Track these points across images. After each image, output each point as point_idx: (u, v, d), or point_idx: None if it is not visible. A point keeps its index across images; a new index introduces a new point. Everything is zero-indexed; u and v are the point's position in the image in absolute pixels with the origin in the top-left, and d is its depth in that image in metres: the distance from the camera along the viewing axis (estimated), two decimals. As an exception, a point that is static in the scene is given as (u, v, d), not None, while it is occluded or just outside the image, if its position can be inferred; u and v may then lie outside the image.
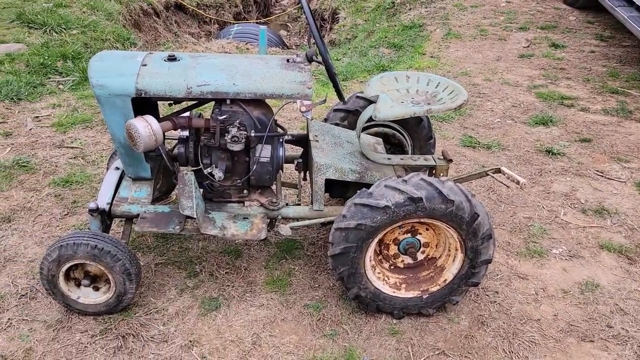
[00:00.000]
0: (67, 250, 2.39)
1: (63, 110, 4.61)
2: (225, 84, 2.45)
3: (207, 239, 3.20)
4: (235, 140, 2.48)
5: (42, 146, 4.03)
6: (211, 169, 2.59)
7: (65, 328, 2.53)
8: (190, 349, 2.48)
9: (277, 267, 3.03)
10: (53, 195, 3.48)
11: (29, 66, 5.18)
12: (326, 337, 2.60)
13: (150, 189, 2.74)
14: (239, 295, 2.80)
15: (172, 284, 2.84)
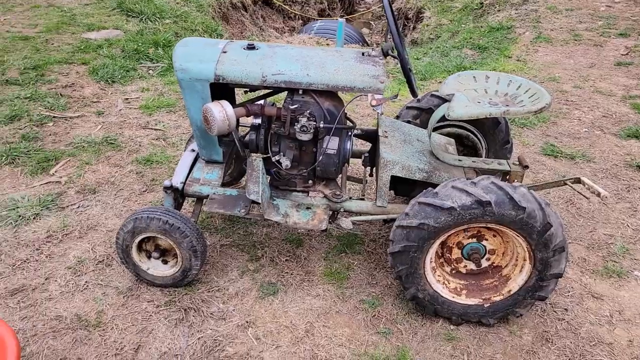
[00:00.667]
0: (141, 223, 2.55)
1: (150, 94, 4.90)
2: (299, 74, 2.49)
3: (271, 225, 3.28)
4: (304, 130, 2.51)
5: (129, 126, 4.32)
6: (279, 157, 2.65)
7: (134, 296, 2.69)
8: (246, 329, 2.55)
9: (336, 259, 3.04)
10: (135, 172, 3.72)
11: (124, 51, 5.56)
12: (379, 334, 2.57)
13: (221, 172, 2.85)
14: (296, 283, 2.85)
15: (234, 266, 2.94)
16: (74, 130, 4.16)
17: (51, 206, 3.29)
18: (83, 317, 2.55)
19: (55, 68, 4.98)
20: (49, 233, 3.08)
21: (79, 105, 4.53)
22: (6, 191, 3.40)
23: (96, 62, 5.20)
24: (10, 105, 4.27)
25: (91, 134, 4.11)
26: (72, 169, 3.69)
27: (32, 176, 3.58)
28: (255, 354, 2.43)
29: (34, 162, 3.68)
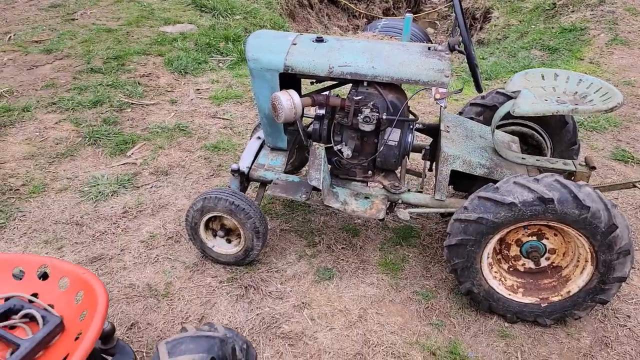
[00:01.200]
0: (210, 202, 2.72)
1: (220, 85, 5.14)
2: (364, 66, 2.56)
3: (328, 214, 3.37)
4: (366, 121, 2.58)
5: (199, 115, 4.56)
6: (341, 146, 2.73)
7: (200, 271, 2.87)
8: (302, 309, 2.66)
9: (391, 251, 3.09)
10: (203, 157, 3.93)
11: (197, 45, 5.85)
12: (432, 325, 2.61)
13: (284, 159, 2.98)
14: (351, 271, 2.93)
15: (292, 250, 3.06)
16: (149, 116, 4.45)
17: (127, 185, 3.56)
18: (153, 287, 2.76)
19: (135, 59, 5.33)
20: (125, 209, 3.33)
21: (154, 93, 4.83)
22: (88, 169, 3.70)
23: (171, 54, 5.51)
24: (94, 92, 4.63)
25: (165, 121, 4.38)
26: (147, 152, 3.95)
27: (111, 157, 3.87)
28: (310, 334, 2.53)
29: (113, 144, 3.98)
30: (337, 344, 2.48)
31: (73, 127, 4.13)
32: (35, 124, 4.12)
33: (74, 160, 3.78)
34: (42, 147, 3.85)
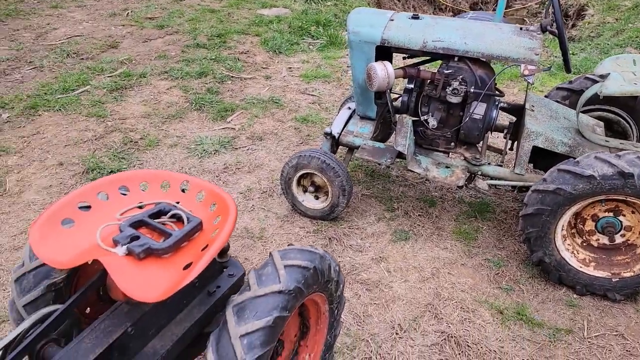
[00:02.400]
0: (304, 160, 3.04)
1: (309, 65, 5.49)
2: (457, 42, 2.76)
3: (407, 185, 3.60)
4: (454, 93, 2.78)
5: (290, 90, 4.92)
6: (427, 117, 2.95)
7: (290, 221, 3.21)
8: (379, 262, 2.93)
9: (466, 222, 3.27)
10: (293, 127, 4.28)
11: (290, 27, 6.24)
12: (501, 289, 2.77)
13: (372, 128, 3.24)
14: (427, 235, 3.14)
15: (372, 212, 3.33)
16: (247, 89, 4.87)
17: (227, 146, 3.98)
18: (249, 230, 3.13)
19: (235, 37, 5.80)
20: (225, 166, 3.74)
21: (251, 69, 5.26)
22: (194, 131, 4.17)
23: (267, 35, 5.93)
24: (199, 64, 5.13)
25: (260, 93, 4.78)
26: (244, 119, 4.37)
27: (214, 121, 4.32)
28: (386, 283, 2.79)
29: (215, 111, 4.43)
30: (410, 293, 2.73)
31: (182, 93, 4.64)
32: (150, 89, 4.66)
33: (182, 122, 4.26)
34: (156, 109, 4.38)
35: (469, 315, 2.61)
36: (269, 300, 1.64)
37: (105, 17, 6.21)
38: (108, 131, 3.98)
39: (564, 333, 2.51)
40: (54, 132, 3.89)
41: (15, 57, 4.92)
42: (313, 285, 1.80)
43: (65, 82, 4.53)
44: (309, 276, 1.77)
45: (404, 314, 2.60)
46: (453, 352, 2.42)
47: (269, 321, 1.60)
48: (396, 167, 3.82)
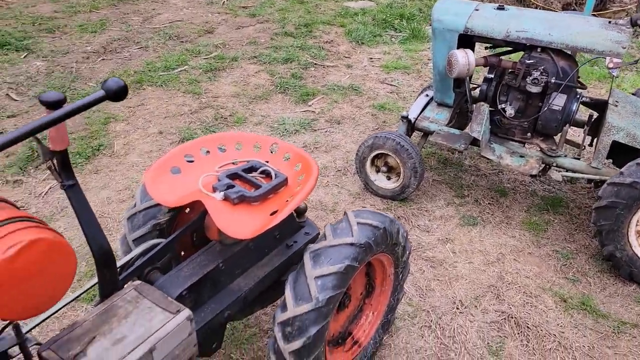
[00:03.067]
0: (379, 140, 3.21)
1: (390, 57, 5.62)
2: (541, 33, 2.80)
3: (479, 175, 3.66)
4: (535, 82, 2.83)
5: (370, 79, 5.09)
6: (505, 106, 3.01)
7: (361, 199, 3.40)
8: (445, 243, 3.04)
9: (536, 214, 3.29)
10: (370, 114, 4.45)
11: (374, 20, 6.39)
12: (567, 279, 2.79)
13: (448, 115, 3.34)
14: (495, 222, 3.20)
15: (441, 197, 3.43)
16: (328, 76, 5.10)
17: (307, 127, 4.22)
18: (324, 203, 3.35)
19: (320, 27, 6.05)
20: (304, 144, 3.99)
21: (334, 57, 5.49)
22: (278, 112, 4.45)
23: (351, 26, 6.13)
24: (286, 51, 5.42)
25: (340, 81, 4.99)
26: (324, 103, 4.60)
27: (296, 104, 4.59)
28: (450, 262, 2.90)
29: (298, 95, 4.70)
30: (473, 274, 2.82)
31: (268, 77, 4.95)
32: (240, 71, 5.02)
33: (267, 103, 4.57)
34: (244, 89, 4.72)
35: (531, 299, 2.67)
36: (342, 250, 1.84)
37: (203, 5, 6.69)
38: (202, 107, 4.37)
39: (629, 326, 2.50)
40: (155, 105, 4.33)
41: (125, 38, 5.48)
42: (381, 244, 1.98)
43: (166, 62, 4.99)
44: (379, 235, 1.94)
45: (465, 292, 2.71)
46: (512, 331, 2.49)
47: (341, 268, 1.79)
48: (469, 156, 3.88)
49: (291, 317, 1.78)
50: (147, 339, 1.54)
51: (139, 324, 1.58)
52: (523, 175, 3.68)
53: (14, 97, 4.24)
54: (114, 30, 5.68)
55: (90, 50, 5.13)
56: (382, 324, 2.30)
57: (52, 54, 4.99)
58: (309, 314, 1.76)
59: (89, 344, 1.51)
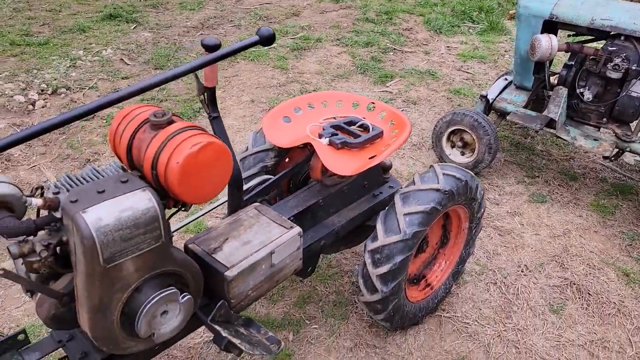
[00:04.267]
0: (457, 117, 3.44)
1: (467, 46, 5.78)
2: (626, 21, 2.93)
3: (551, 160, 3.81)
4: (615, 69, 2.97)
5: (447, 66, 5.29)
6: (583, 90, 3.16)
7: (434, 171, 3.65)
8: (513, 216, 3.24)
9: (605, 198, 3.41)
10: (445, 97, 4.67)
11: (453, 11, 6.55)
12: (631, 257, 2.93)
13: (525, 98, 3.51)
14: (563, 202, 3.36)
15: (512, 175, 3.62)
16: (406, 60, 5.35)
17: (384, 105, 4.50)
18: (399, 172, 3.63)
19: (400, 15, 6.29)
20: (381, 120, 4.27)
21: (412, 44, 5.72)
22: (357, 90, 4.76)
23: (430, 16, 6.32)
24: (367, 36, 5.72)
25: (418, 65, 5.22)
26: (401, 85, 4.85)
27: (374, 84, 4.87)
28: (517, 232, 3.10)
29: (377, 76, 4.98)
30: (539, 244, 3.02)
31: (350, 58, 5.27)
32: (324, 52, 5.37)
33: (348, 82, 4.88)
34: (327, 68, 5.06)
35: (593, 271, 2.84)
36: (429, 194, 2.13)
37: (289, -10, 7.10)
38: (288, 81, 4.75)
39: (690, 303, 2.63)
40: (248, 77, 4.75)
41: (220, 16, 5.97)
42: (462, 195, 2.24)
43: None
44: (461, 186, 2.21)
45: (531, 258, 2.91)
46: (573, 295, 2.69)
47: (427, 208, 2.08)
48: (541, 142, 4.03)
49: (380, 245, 2.08)
50: (268, 244, 1.89)
51: (260, 233, 1.94)
52: (594, 163, 3.79)
53: (126, 62, 4.80)
54: (209, 9, 6.19)
55: (189, 25, 5.65)
56: (452, 273, 2.57)
57: (157, 27, 5.54)
58: (397, 244, 2.06)
59: (224, 243, 1.89)
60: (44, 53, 4.78)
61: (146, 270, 1.51)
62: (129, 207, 1.41)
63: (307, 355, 2.33)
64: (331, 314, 2.53)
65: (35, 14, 5.63)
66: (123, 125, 1.62)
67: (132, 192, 1.45)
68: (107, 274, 1.41)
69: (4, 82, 4.24)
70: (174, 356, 2.30)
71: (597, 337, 2.47)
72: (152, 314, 1.53)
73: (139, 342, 1.61)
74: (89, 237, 1.34)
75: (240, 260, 1.81)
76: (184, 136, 1.51)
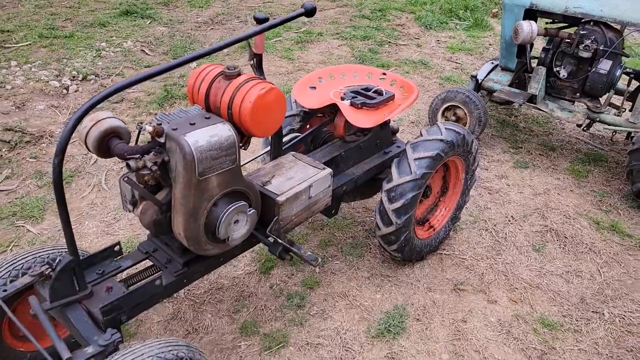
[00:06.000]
0: (451, 94, 3.94)
1: (455, 40, 6.31)
2: (594, 9, 3.47)
3: (532, 134, 4.33)
4: (586, 49, 3.49)
5: (437, 57, 5.80)
6: (559, 69, 3.69)
7: (431, 144, 4.13)
8: (500, 179, 3.74)
9: (579, 164, 3.94)
10: (437, 83, 5.18)
11: (441, 9, 7.10)
12: (601, 210, 3.45)
13: (510, 78, 4.02)
14: (543, 167, 3.88)
15: (498, 146, 4.13)
16: (400, 52, 5.85)
17: (383, 91, 4.99)
18: (400, 144, 4.10)
19: (393, 12, 6.82)
20: (382, 103, 4.76)
21: (406, 38, 6.24)
22: (357, 77, 5.24)
23: (420, 13, 6.86)
24: (364, 30, 6.22)
25: (411, 56, 5.74)
26: (397, 73, 5.35)
27: (373, 73, 5.36)
28: (504, 192, 3.60)
29: (374, 66, 5.46)
30: (523, 200, 3.51)
31: (349, 50, 5.76)
32: (325, 44, 5.85)
33: (349, 70, 5.36)
34: (329, 59, 5.54)
35: (569, 220, 3.34)
36: (434, 143, 2.60)
37: (288, -10, 7.58)
38: (295, 70, 5.21)
39: (649, 242, 3.15)
40: (258, 65, 5.20)
41: (227, 13, 6.41)
42: (460, 146, 2.72)
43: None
44: (460, 139, 2.69)
45: (516, 211, 3.41)
46: (552, 238, 3.18)
47: (433, 154, 2.56)
48: (523, 120, 4.55)
49: (395, 185, 2.55)
50: (306, 179, 2.35)
51: (299, 172, 2.40)
52: (569, 137, 4.32)
53: (147, 52, 5.22)
54: (216, 7, 6.63)
55: (200, 21, 6.09)
56: (451, 218, 3.05)
57: (170, 22, 5.97)
58: (409, 183, 2.53)
59: (272, 178, 2.34)
60: (70, 45, 5.17)
61: (224, 186, 1.95)
62: (215, 134, 1.86)
63: (332, 282, 2.79)
64: (349, 253, 2.99)
65: (56, 10, 6.02)
66: (200, 79, 2.07)
67: (215, 124, 1.90)
68: (199, 185, 1.86)
69: (39, 70, 4.63)
70: (221, 284, 2.73)
71: (572, 269, 2.97)
72: (229, 221, 1.97)
73: (215, 246, 2.05)
74: (190, 153, 1.79)
75: (287, 190, 2.26)
76: (252, 83, 1.97)
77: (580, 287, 2.84)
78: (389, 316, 2.58)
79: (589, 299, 2.76)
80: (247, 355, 2.36)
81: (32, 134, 3.91)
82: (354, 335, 2.49)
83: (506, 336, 2.52)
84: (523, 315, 2.64)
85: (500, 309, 2.68)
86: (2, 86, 4.37)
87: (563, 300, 2.75)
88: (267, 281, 2.77)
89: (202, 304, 2.61)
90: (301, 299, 2.66)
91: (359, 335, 2.49)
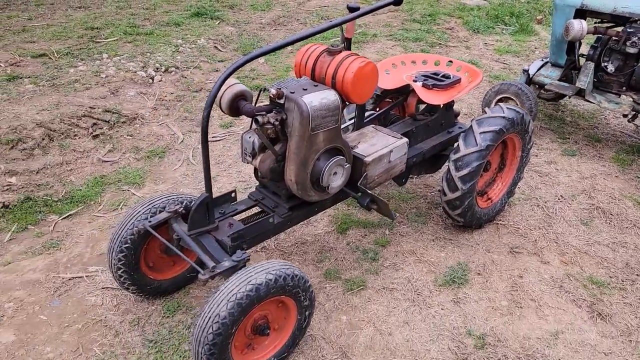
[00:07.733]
0: (504, 87, 4.28)
1: (502, 43, 6.64)
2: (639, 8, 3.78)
3: (578, 128, 4.62)
4: (633, 45, 3.80)
5: (485, 58, 6.15)
6: (607, 64, 4.00)
7: (483, 133, 4.48)
8: (549, 164, 4.05)
9: (624, 154, 4.21)
10: (487, 80, 5.52)
11: (487, 15, 7.45)
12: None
13: (559, 73, 4.35)
14: (590, 155, 4.18)
15: (547, 137, 4.44)
16: (450, 53, 6.23)
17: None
18: (454, 133, 4.47)
19: (442, 17, 7.20)
20: (435, 97, 5.14)
21: (455, 40, 6.61)
22: (411, 75, 5.64)
23: (468, 18, 7.22)
24: (415, 33, 6.62)
25: (461, 57, 6.10)
26: (448, 72, 5.72)
27: (425, 71, 5.75)
28: (553, 175, 3.91)
29: (426, 64, 5.85)
30: (571, 183, 3.82)
31: (402, 50, 6.17)
32: (380, 44, 6.28)
33: (402, 68, 5.77)
34: (385, 57, 5.96)
35: (615, 200, 3.64)
36: (497, 119, 2.97)
37: (340, -4, 8.08)
38: (353, 66, 5.64)
39: (691, 220, 3.42)
40: (320, 62, 5.67)
41: (287, 15, 6.93)
42: (519, 125, 3.08)
43: (323, 34, 6.35)
44: (519, 118, 3.05)
45: (565, 191, 3.73)
46: (599, 215, 3.49)
47: (496, 129, 2.92)
48: (570, 115, 4.85)
49: (462, 155, 2.93)
50: (387, 145, 2.76)
51: (381, 140, 2.81)
52: (614, 131, 4.60)
53: (220, 49, 5.75)
54: (277, 10, 7.16)
55: (264, 22, 6.62)
56: (507, 192, 3.39)
57: (237, 23, 6.52)
58: (474, 154, 2.90)
59: (358, 144, 2.75)
60: (151, 41, 5.76)
61: (328, 142, 2.38)
62: (325, 97, 2.30)
63: (401, 242, 3.17)
64: (414, 220, 3.37)
65: (135, 11, 6.65)
66: (306, 56, 2.51)
67: (323, 90, 2.33)
68: (310, 139, 2.29)
69: (127, 62, 5.21)
70: (305, 240, 3.15)
71: (618, 240, 3.27)
72: (331, 171, 2.40)
73: (316, 194, 2.47)
74: (306, 111, 2.22)
75: (372, 152, 2.68)
76: (353, 58, 2.39)
77: (625, 255, 3.14)
78: (453, 270, 2.95)
79: (633, 264, 3.06)
80: (332, 294, 2.77)
81: (126, 116, 4.46)
82: (423, 283, 2.86)
83: (559, 290, 2.85)
84: (573, 274, 2.97)
85: (552, 268, 3.01)
86: (98, 75, 4.96)
87: (609, 265, 3.05)
88: (344, 239, 3.18)
89: (290, 254, 3.03)
90: (375, 254, 3.06)
91: (428, 283, 2.87)
